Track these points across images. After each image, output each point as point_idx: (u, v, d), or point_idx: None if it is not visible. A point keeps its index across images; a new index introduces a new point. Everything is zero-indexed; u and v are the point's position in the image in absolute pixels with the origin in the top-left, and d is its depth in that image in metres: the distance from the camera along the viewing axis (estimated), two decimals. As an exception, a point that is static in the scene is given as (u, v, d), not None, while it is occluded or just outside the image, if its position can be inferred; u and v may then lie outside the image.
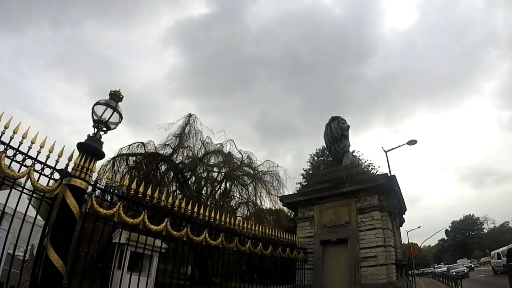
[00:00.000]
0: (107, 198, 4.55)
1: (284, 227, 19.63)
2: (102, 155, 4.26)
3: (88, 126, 4.33)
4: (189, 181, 20.69)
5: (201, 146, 20.85)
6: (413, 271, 22.89)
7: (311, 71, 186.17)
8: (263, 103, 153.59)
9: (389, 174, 13.66)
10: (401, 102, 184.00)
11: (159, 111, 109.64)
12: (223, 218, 6.21)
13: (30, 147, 3.58)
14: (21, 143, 3.51)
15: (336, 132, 11.44)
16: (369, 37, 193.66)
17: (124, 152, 19.40)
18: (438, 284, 27.49)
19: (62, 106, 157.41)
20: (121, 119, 4.51)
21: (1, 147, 3.40)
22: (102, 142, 4.27)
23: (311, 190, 10.67)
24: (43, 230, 3.81)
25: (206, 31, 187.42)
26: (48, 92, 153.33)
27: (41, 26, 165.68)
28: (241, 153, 21.98)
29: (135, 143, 19.96)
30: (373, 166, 33.96)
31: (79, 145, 4.02)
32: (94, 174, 4.13)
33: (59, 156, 3.79)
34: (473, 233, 79.33)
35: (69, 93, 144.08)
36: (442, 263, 55.33)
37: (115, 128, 4.50)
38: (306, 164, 36.97)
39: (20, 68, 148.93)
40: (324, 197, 9.83)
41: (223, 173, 21.04)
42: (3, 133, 3.39)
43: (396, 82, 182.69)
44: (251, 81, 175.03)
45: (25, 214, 3.84)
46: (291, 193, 15.85)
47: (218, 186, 21.01)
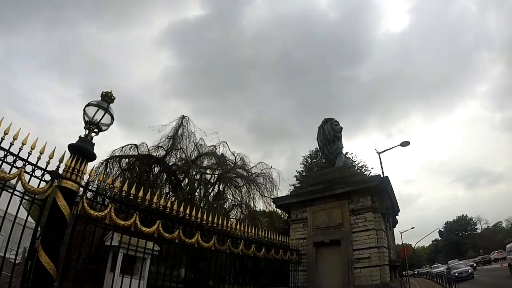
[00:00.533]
0: (99, 200, 4.53)
1: (277, 229, 19.65)
2: (94, 156, 4.25)
3: (81, 127, 4.32)
4: (182, 183, 20.56)
5: (194, 148, 20.73)
6: (407, 272, 22.91)
7: (305, 73, 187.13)
8: (257, 105, 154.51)
9: (382, 175, 13.74)
10: (395, 104, 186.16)
11: (152, 113, 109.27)
12: (216, 220, 6.22)
13: (21, 148, 3.55)
14: (12, 144, 3.48)
15: (329, 134, 11.51)
16: (363, 40, 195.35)
17: (117, 154, 19.25)
18: (432, 284, 27.48)
19: (55, 107, 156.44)
20: (113, 120, 4.51)
21: (-8, 149, 3.37)
22: (93, 144, 4.26)
23: (304, 192, 10.66)
24: (34, 233, 3.78)
25: (200, 33, 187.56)
26: (41, 93, 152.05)
27: (35, 27, 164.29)
28: (234, 155, 21.89)
29: (128, 145, 19.87)
30: (366, 168, 34.17)
31: (70, 147, 4.02)
32: (86, 176, 4.11)
33: (50, 157, 3.77)
34: (466, 233, 79.72)
35: (62, 94, 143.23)
36: (438, 263, 55.42)
37: (106, 129, 4.50)
38: (299, 166, 37.05)
39: (13, 69, 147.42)
40: (317, 198, 9.84)
41: (216, 175, 20.96)
42: (-6, 134, 3.36)
43: (390, 84, 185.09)
44: (245, 83, 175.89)
45: (16, 216, 3.80)
46: (284, 195, 15.86)
47: (211, 188, 20.88)
